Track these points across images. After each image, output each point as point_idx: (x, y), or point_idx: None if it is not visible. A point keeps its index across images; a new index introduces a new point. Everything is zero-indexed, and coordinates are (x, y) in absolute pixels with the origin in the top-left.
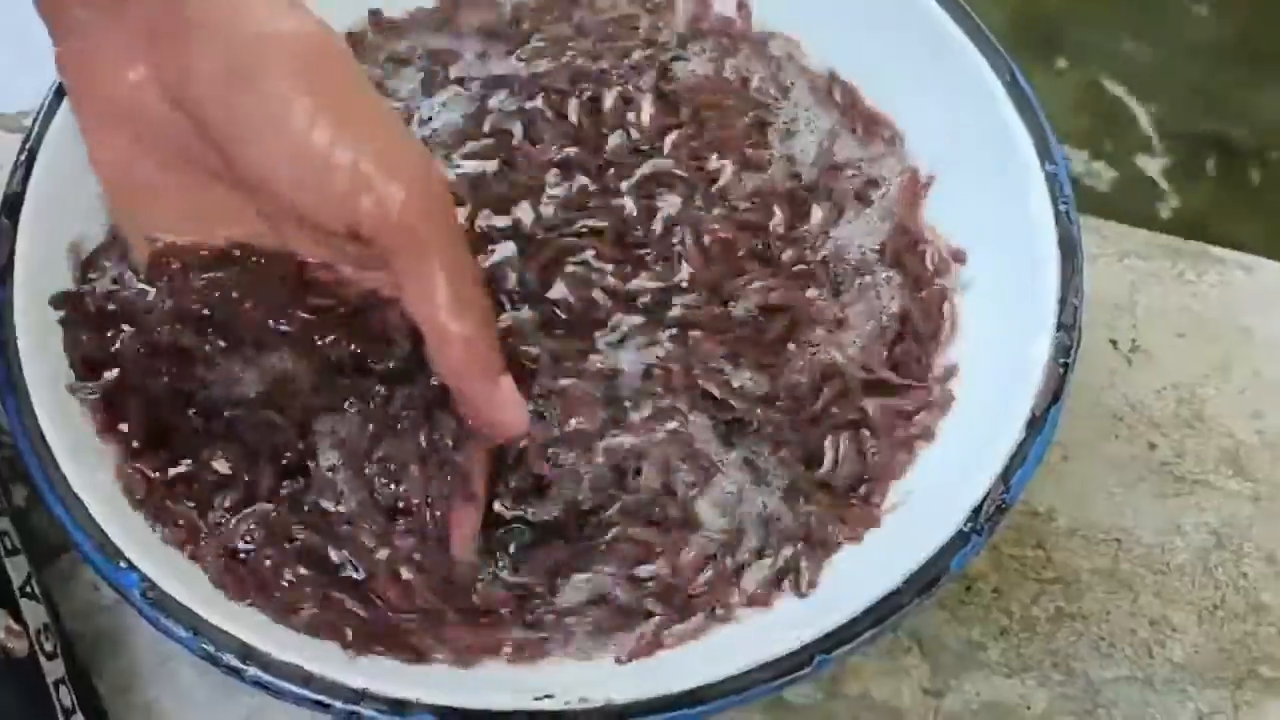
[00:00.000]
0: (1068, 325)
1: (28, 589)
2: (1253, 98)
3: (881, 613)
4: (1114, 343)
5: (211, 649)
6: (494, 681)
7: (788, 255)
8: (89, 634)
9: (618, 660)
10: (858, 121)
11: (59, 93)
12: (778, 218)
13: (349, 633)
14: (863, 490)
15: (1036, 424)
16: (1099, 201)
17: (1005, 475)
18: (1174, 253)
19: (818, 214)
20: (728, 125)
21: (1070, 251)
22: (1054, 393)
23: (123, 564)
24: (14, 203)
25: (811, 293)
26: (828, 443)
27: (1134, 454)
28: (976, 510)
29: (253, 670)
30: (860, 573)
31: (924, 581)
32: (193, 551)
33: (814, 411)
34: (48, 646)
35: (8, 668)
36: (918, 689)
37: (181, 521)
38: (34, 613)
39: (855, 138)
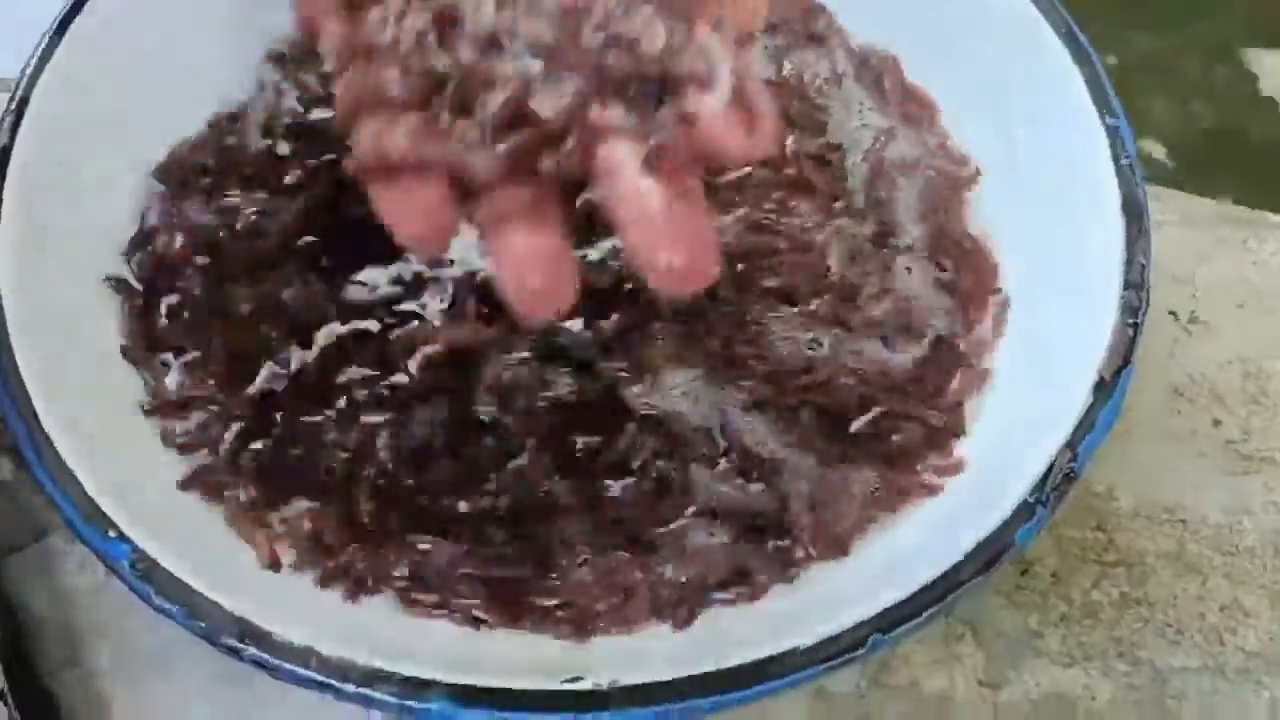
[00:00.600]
0: (1135, 284)
1: None
2: None
3: (940, 590)
4: (1174, 314)
5: (206, 627)
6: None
7: None
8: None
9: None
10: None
11: (45, 53)
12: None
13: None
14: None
15: (1105, 388)
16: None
17: (1072, 443)
18: (1234, 220)
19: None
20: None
21: (1135, 210)
22: (1124, 355)
23: (111, 534)
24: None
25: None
26: None
27: (1197, 429)
28: (1042, 480)
29: (251, 650)
30: (917, 545)
31: (986, 557)
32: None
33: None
34: None
35: None
36: (972, 679)
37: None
38: None
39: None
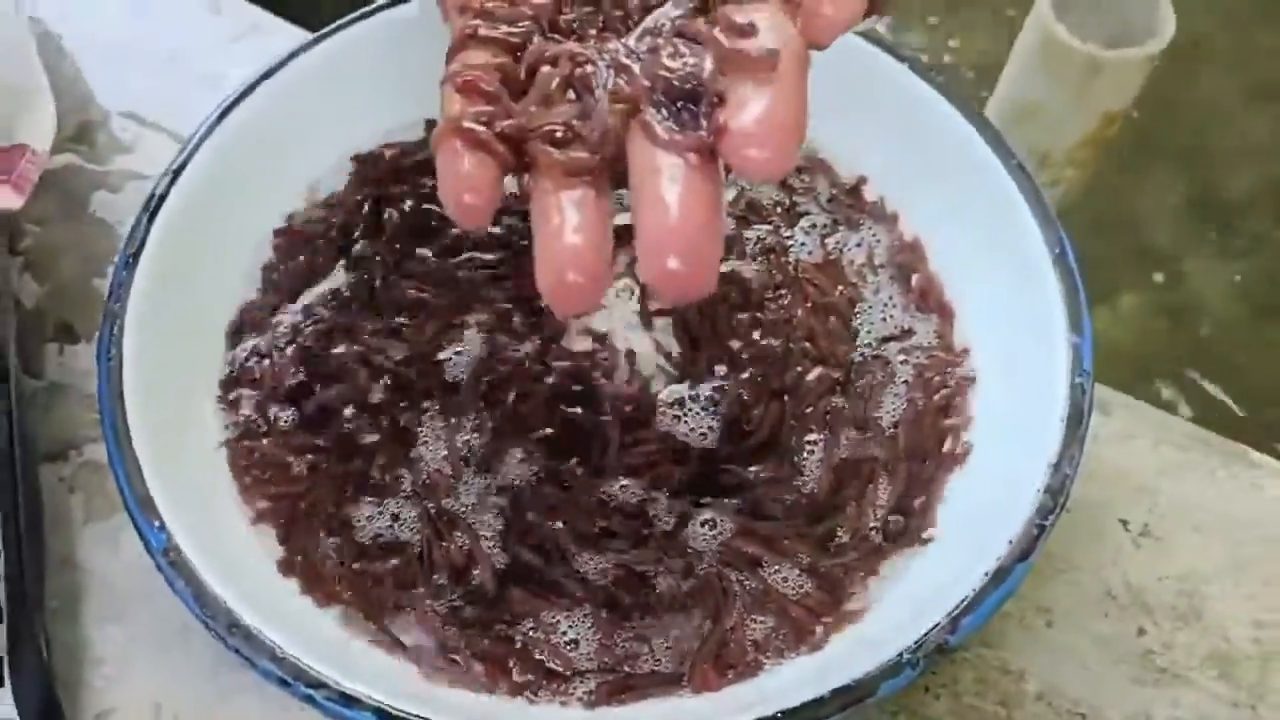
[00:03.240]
0: (1054, 489)
1: None
2: None
3: (802, 718)
4: (1125, 523)
5: (209, 616)
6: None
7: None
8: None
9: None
10: (919, 295)
11: (219, 118)
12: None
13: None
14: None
15: (999, 576)
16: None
17: (955, 619)
18: (1209, 448)
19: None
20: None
21: (1075, 421)
22: (1024, 551)
23: (156, 523)
24: (156, 202)
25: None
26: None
27: (1120, 635)
28: (917, 645)
29: (236, 640)
30: (794, 676)
31: (850, 698)
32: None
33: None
34: None
35: None
36: None
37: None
38: None
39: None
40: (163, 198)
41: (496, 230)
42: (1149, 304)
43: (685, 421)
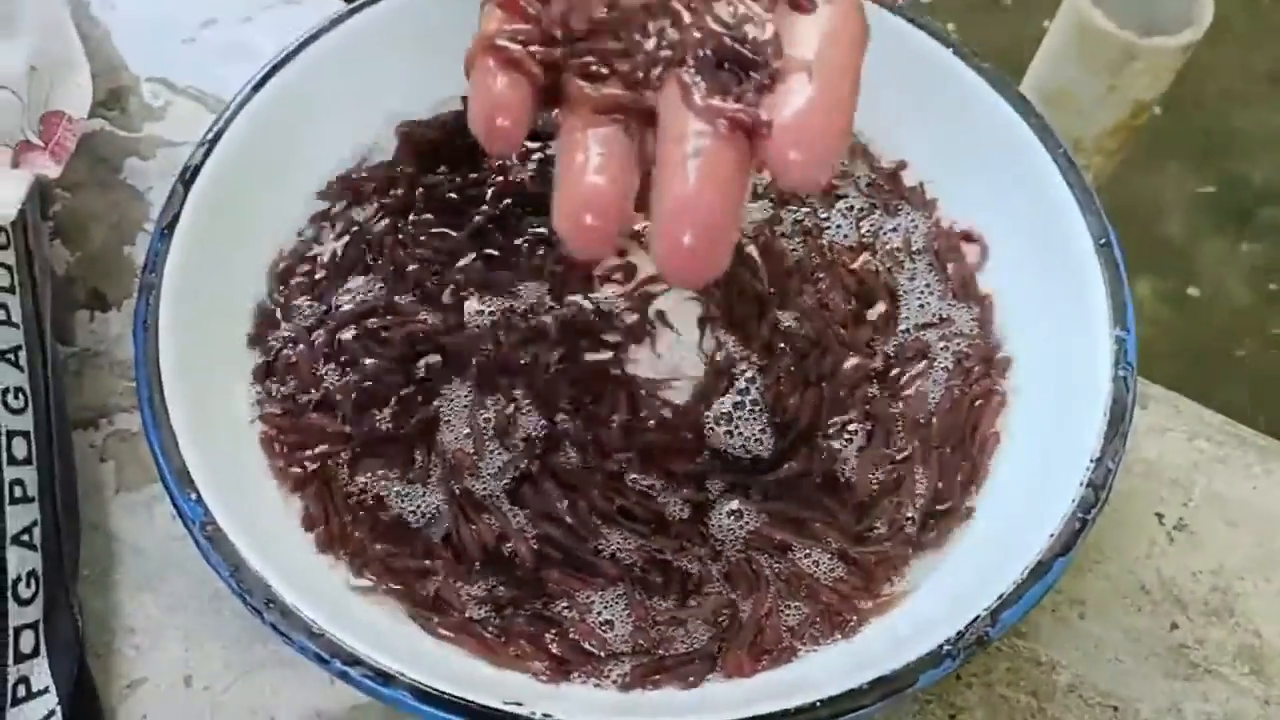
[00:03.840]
0: (1097, 485)
1: (23, 538)
2: None
3: (841, 707)
4: (1160, 516)
5: (245, 591)
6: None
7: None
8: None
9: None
10: (958, 283)
11: (254, 88)
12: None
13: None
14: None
15: (1039, 571)
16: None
17: (995, 612)
18: (1245, 443)
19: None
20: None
21: (1118, 416)
22: (1065, 545)
23: (193, 496)
24: (192, 173)
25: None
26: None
27: (1153, 629)
28: (958, 637)
29: (272, 616)
30: (828, 663)
31: (890, 688)
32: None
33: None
34: (24, 594)
35: None
36: None
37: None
38: (20, 559)
39: (950, 297)
40: (198, 168)
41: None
42: (1166, 293)
43: (737, 432)
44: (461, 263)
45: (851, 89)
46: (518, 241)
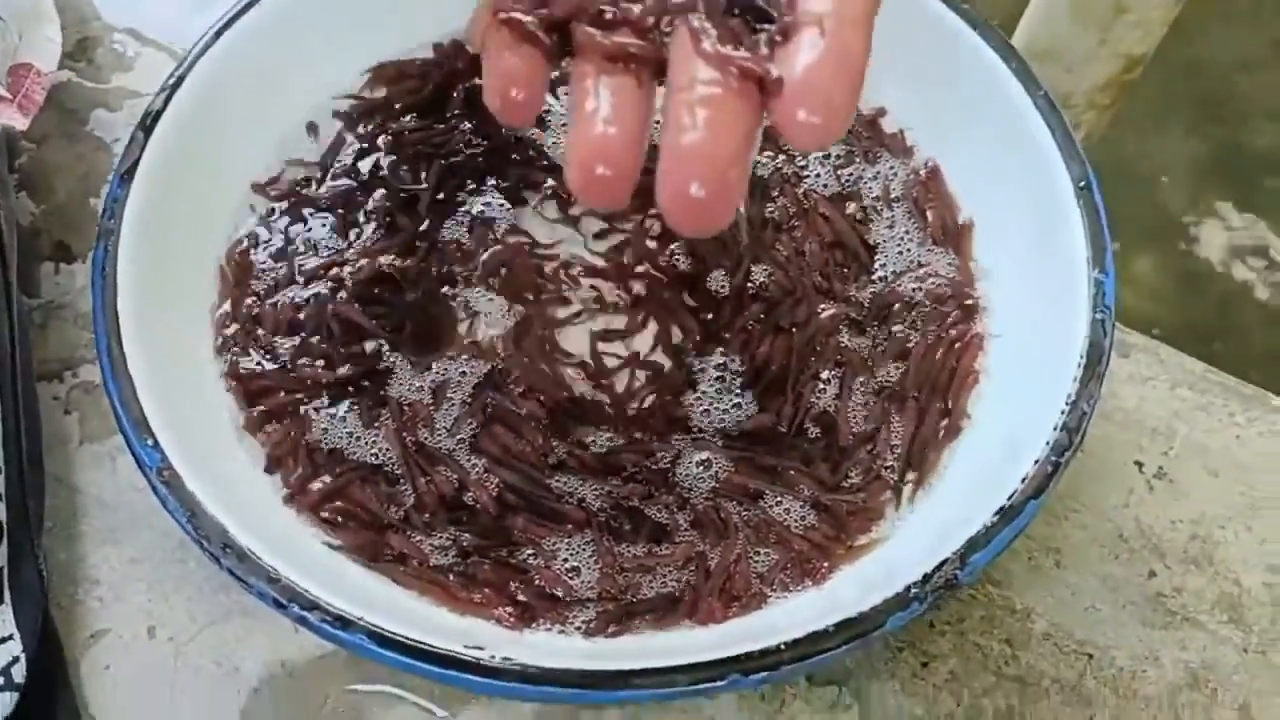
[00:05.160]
0: (1071, 428)
1: None
2: None
3: (806, 650)
4: (1140, 465)
5: (203, 536)
6: (440, 625)
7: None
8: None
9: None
10: (937, 229)
11: (216, 34)
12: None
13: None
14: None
15: (1010, 514)
16: None
17: (964, 555)
18: (1228, 391)
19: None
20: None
21: (1095, 359)
22: (1037, 488)
23: (149, 441)
24: (153, 119)
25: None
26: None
27: (1130, 578)
28: (925, 580)
29: (229, 562)
30: (800, 609)
31: (856, 631)
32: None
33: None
34: None
35: None
36: None
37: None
38: None
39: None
40: (159, 114)
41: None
42: (1165, 264)
43: (712, 404)
44: (426, 210)
45: (864, 46)
46: (483, 191)
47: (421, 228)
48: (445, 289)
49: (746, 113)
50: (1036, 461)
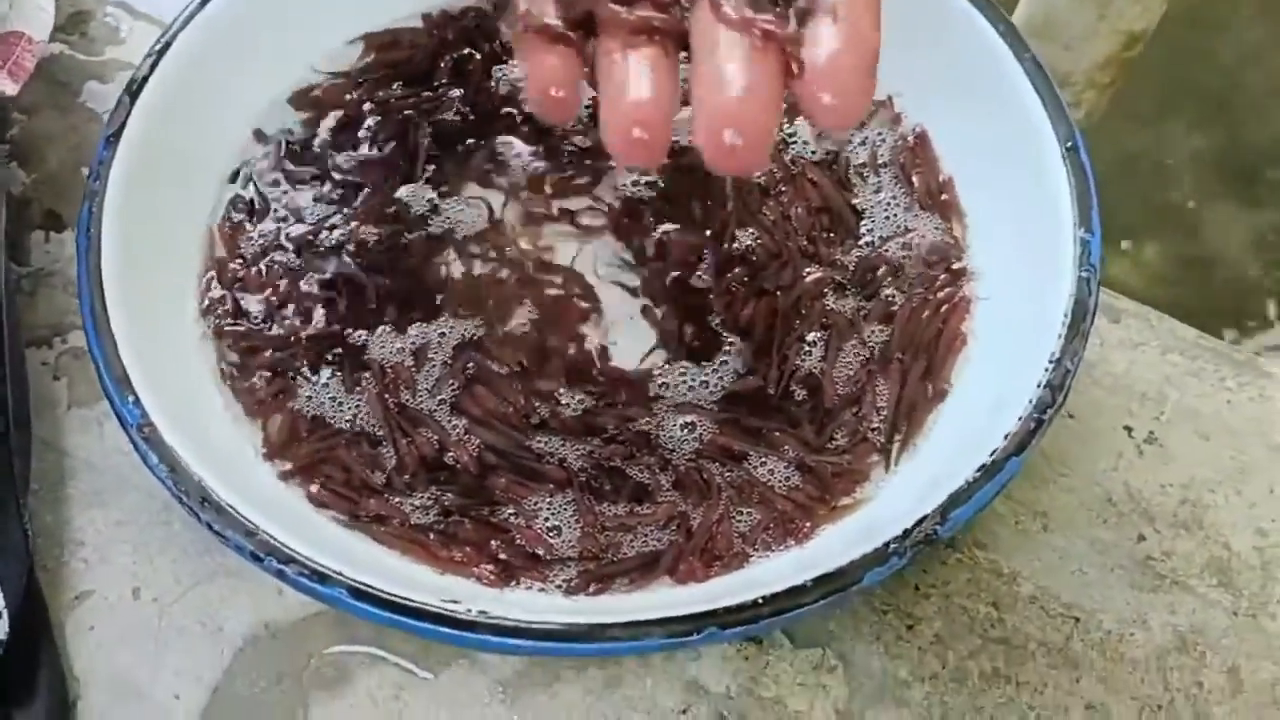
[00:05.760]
0: (1055, 385)
1: None
2: None
3: (784, 605)
4: (1129, 429)
5: (182, 491)
6: (421, 582)
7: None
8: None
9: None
10: (923, 193)
11: (202, 2)
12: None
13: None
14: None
15: (991, 470)
16: None
17: (944, 510)
18: (1219, 356)
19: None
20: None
21: (1079, 316)
22: (1019, 445)
23: (130, 398)
24: (139, 84)
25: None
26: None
27: (1118, 541)
28: (905, 534)
29: (208, 516)
30: (782, 568)
31: (833, 586)
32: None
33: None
34: None
35: None
36: (831, 709)
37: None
38: None
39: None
40: (145, 79)
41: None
42: (1167, 252)
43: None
44: (410, 180)
45: (876, 24)
46: (470, 157)
47: (408, 193)
48: (434, 255)
49: (772, 68)
50: (1020, 419)
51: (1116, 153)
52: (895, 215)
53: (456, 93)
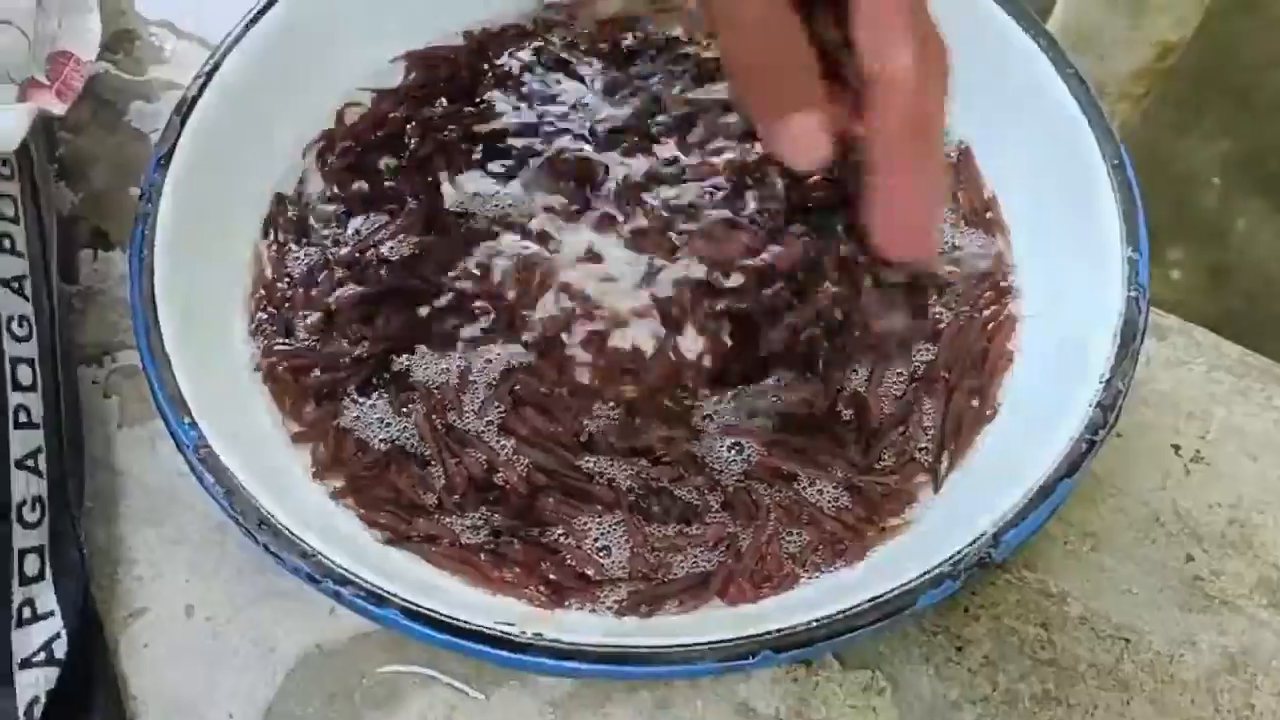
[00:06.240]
0: (1105, 405)
1: (28, 463)
2: None
3: (838, 628)
4: (1176, 448)
5: (239, 513)
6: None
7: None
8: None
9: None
10: (968, 209)
11: (249, 23)
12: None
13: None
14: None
15: (1044, 492)
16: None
17: (997, 533)
18: (1265, 374)
19: None
20: None
21: (1129, 337)
22: (1071, 466)
23: (186, 420)
24: (188, 106)
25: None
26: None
27: (1167, 561)
28: (959, 557)
29: (264, 538)
30: (832, 589)
31: (888, 609)
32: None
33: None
34: (29, 517)
35: None
36: None
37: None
38: (26, 483)
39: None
40: (194, 100)
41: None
42: (1200, 261)
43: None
44: (456, 198)
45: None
46: (519, 172)
47: (449, 209)
48: (483, 273)
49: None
50: (1071, 440)
51: (1141, 158)
52: (940, 232)
53: (500, 108)
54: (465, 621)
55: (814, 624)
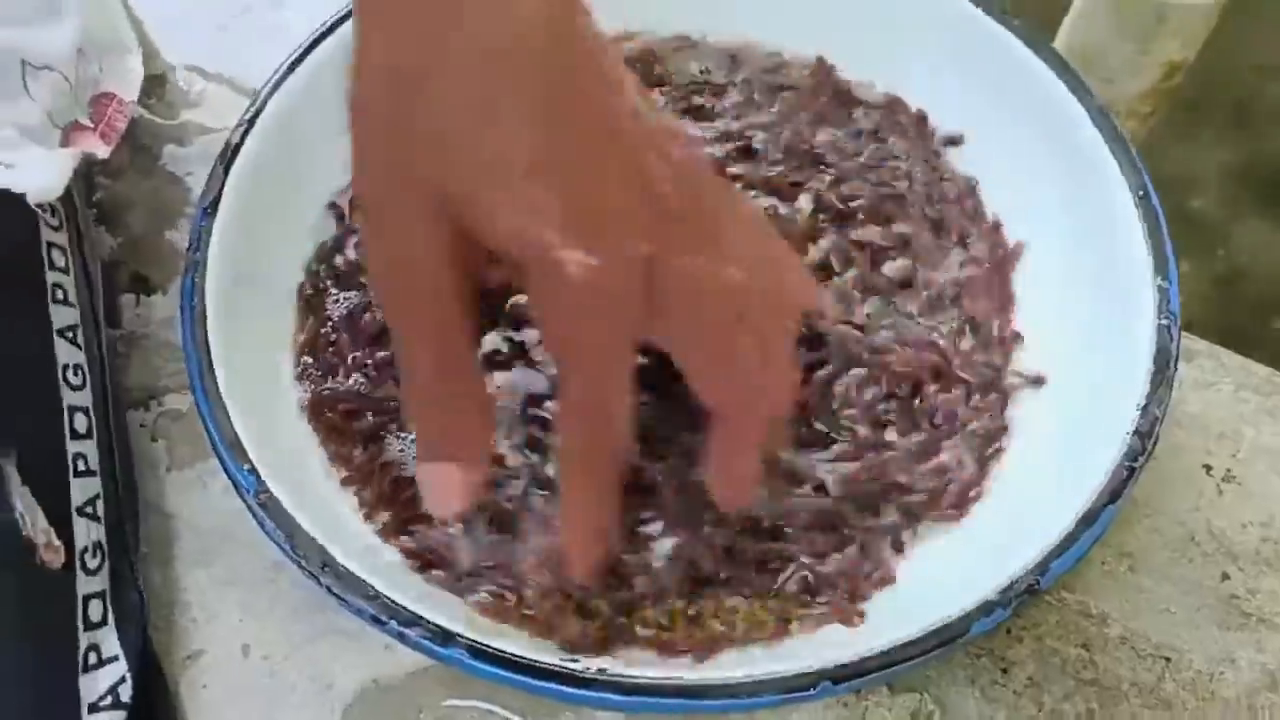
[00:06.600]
0: (1143, 433)
1: (88, 509)
2: None
3: (895, 658)
4: (1208, 468)
5: (301, 557)
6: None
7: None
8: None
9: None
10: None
11: (290, 68)
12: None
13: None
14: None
15: (1088, 519)
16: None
17: (1043, 562)
18: None
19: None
20: None
21: (1163, 365)
22: (1113, 494)
23: (246, 466)
24: (232, 152)
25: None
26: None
27: (1204, 580)
28: (1008, 586)
29: (328, 581)
30: (884, 619)
31: (944, 638)
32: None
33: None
34: (91, 564)
35: (40, 578)
36: None
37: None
38: (86, 530)
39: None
40: (238, 147)
41: None
42: (1202, 270)
43: None
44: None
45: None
46: None
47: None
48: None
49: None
50: (1111, 467)
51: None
52: (951, 267)
53: None
54: (530, 659)
55: (871, 655)
